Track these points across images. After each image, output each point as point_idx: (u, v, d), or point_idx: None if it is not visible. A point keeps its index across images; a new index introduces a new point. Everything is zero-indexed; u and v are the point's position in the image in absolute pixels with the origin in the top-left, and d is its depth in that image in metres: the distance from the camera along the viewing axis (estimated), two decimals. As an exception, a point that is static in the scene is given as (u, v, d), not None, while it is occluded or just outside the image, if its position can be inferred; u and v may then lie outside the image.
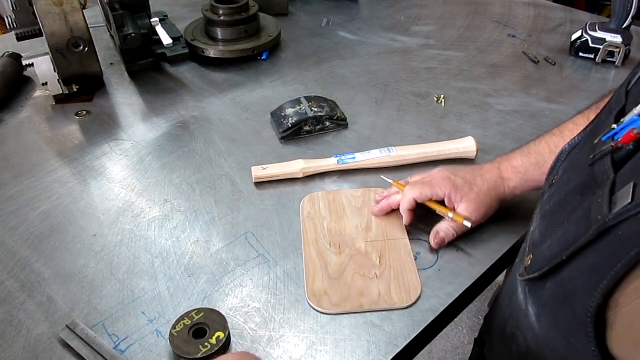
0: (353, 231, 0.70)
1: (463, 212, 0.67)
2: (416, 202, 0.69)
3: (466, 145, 0.81)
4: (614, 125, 0.43)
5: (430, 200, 0.69)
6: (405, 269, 0.65)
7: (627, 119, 0.41)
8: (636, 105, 0.41)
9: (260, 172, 0.78)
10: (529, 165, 0.67)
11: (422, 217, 0.73)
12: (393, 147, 0.81)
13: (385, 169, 0.80)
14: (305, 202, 0.75)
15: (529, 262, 0.47)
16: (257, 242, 0.70)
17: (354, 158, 0.79)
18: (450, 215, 0.67)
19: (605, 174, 0.40)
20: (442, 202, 0.69)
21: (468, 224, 0.66)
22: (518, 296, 0.51)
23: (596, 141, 0.45)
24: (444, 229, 0.68)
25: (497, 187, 0.68)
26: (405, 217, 0.70)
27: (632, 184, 0.35)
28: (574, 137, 0.53)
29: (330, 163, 0.80)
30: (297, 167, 0.78)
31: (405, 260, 0.67)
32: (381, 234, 0.70)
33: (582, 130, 0.53)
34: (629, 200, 0.34)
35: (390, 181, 0.75)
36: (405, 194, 0.70)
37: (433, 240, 0.68)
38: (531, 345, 0.48)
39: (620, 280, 0.34)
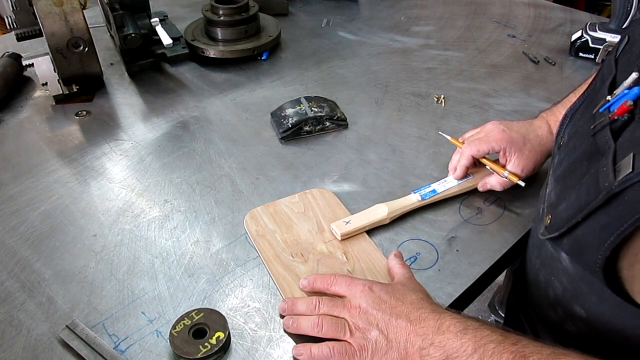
0: (308, 236, 0.69)
1: (515, 167, 0.71)
2: (474, 158, 0.73)
3: None
4: (609, 97, 0.49)
5: (485, 157, 0.73)
6: (372, 258, 0.66)
7: (618, 91, 0.48)
8: (626, 75, 0.47)
9: (344, 227, 0.69)
10: None
11: (423, 219, 0.73)
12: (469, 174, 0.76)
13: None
14: (247, 220, 0.72)
15: (548, 221, 0.52)
16: (257, 242, 0.70)
17: (435, 191, 0.74)
18: (506, 174, 0.71)
19: (607, 144, 0.45)
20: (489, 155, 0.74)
21: (522, 184, 0.71)
22: (547, 247, 0.56)
23: (594, 111, 0.51)
24: (492, 183, 0.74)
25: (547, 142, 0.73)
26: (460, 172, 0.75)
27: (632, 155, 0.40)
28: (574, 102, 0.59)
29: (413, 201, 0.73)
30: (382, 213, 0.70)
31: (368, 249, 0.67)
32: None
33: (581, 95, 0.58)
34: (630, 170, 0.40)
35: (448, 138, 0.80)
36: (463, 152, 0.74)
37: (481, 187, 0.75)
38: (567, 286, 0.53)
39: (626, 238, 0.40)
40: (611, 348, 0.49)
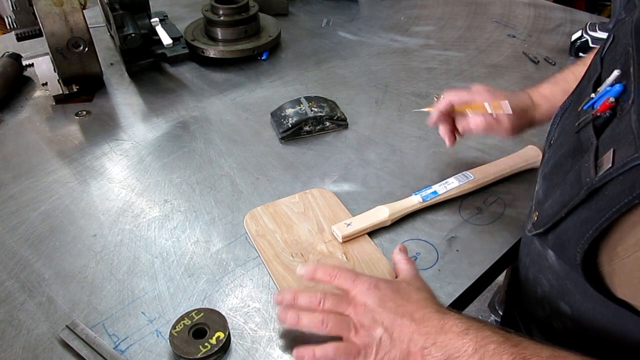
0: (308, 236, 0.69)
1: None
2: (453, 106, 0.73)
3: (533, 155, 0.80)
4: (593, 95, 0.50)
5: (466, 104, 0.72)
6: (373, 258, 0.66)
7: (602, 88, 0.48)
8: (610, 73, 0.48)
9: (345, 230, 0.68)
10: (557, 92, 0.73)
11: (423, 219, 0.73)
12: (468, 172, 0.76)
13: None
14: (247, 220, 0.72)
15: (535, 218, 0.52)
16: (257, 242, 0.70)
17: (436, 192, 0.73)
18: (487, 104, 0.69)
19: (589, 140, 0.46)
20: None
21: (508, 108, 0.67)
22: (536, 244, 0.57)
23: (579, 109, 0.52)
24: (475, 122, 0.72)
25: (529, 110, 0.74)
26: (434, 117, 0.74)
27: (612, 150, 0.41)
28: (565, 101, 0.60)
29: (414, 202, 0.72)
30: (383, 215, 0.70)
31: (369, 250, 0.67)
32: None
33: (570, 94, 0.59)
34: (610, 165, 0.40)
35: (425, 109, 0.79)
36: (444, 97, 0.74)
37: (462, 130, 0.74)
38: (553, 283, 0.54)
39: (604, 232, 0.41)
40: (596, 344, 0.50)
